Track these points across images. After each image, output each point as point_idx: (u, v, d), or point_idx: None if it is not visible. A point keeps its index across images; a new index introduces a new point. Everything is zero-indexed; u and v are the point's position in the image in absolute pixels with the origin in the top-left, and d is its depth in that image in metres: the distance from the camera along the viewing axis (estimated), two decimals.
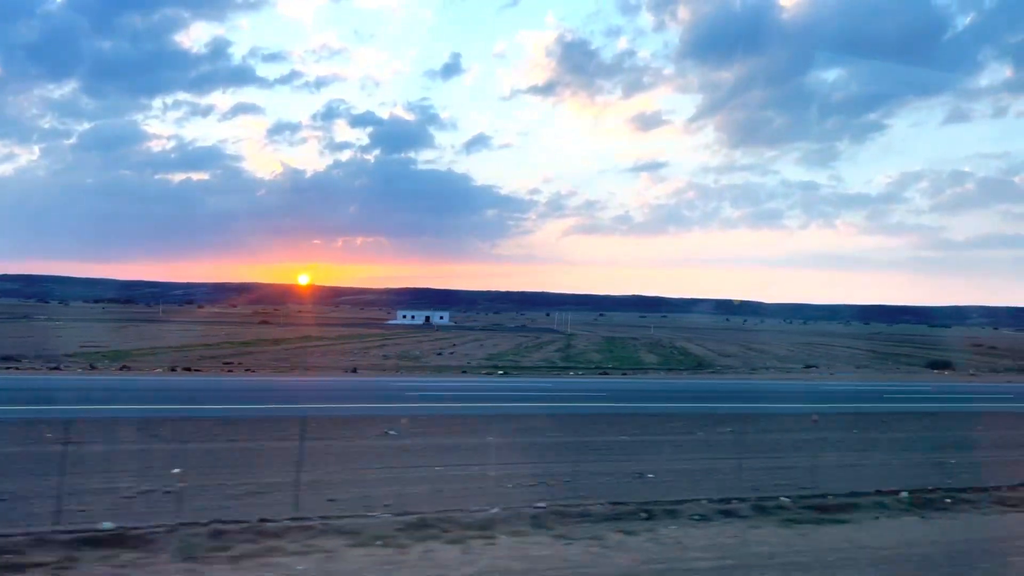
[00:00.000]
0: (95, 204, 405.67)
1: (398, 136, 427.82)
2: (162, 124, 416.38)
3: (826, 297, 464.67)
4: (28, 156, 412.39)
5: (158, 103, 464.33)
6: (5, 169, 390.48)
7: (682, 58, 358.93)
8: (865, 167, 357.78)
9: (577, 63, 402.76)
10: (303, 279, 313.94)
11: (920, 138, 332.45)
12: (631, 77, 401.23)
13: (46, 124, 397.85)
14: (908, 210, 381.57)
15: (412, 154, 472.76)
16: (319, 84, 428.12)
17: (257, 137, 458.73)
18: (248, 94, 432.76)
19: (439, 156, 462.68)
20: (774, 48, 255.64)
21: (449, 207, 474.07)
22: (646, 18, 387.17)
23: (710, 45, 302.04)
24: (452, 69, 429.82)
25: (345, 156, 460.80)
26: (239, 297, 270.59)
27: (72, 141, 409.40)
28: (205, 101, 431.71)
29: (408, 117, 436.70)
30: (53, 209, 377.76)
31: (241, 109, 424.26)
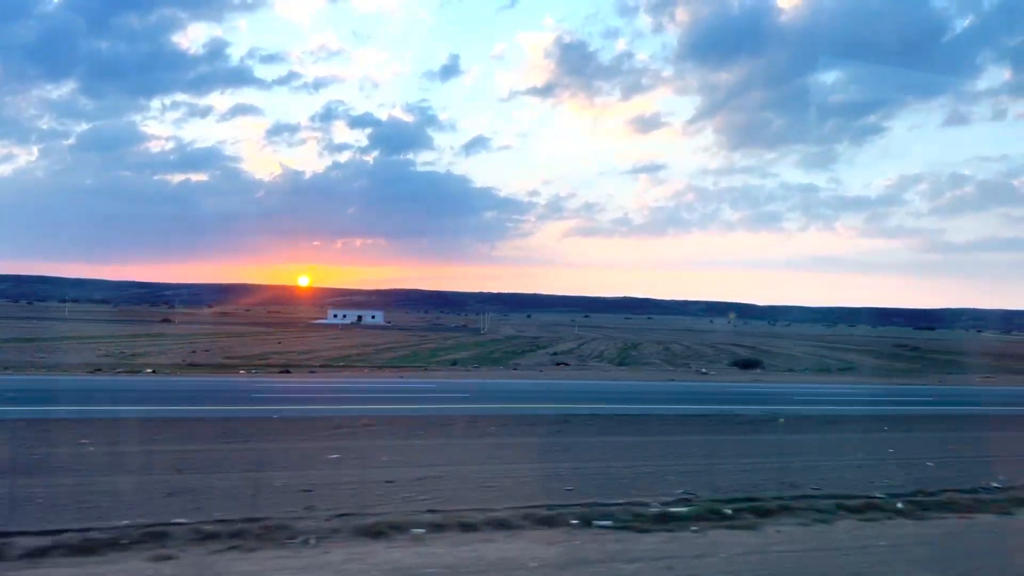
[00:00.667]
0: (94, 205, 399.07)
1: (397, 137, 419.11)
2: (161, 125, 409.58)
3: (825, 299, 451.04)
4: (27, 157, 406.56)
5: (156, 104, 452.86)
6: (4, 170, 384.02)
7: (681, 60, 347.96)
8: (864, 170, 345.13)
9: (576, 65, 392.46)
10: (303, 280, 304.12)
11: (919, 141, 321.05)
12: (630, 79, 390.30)
13: (44, 125, 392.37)
14: (907, 213, 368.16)
15: (411, 155, 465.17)
16: (318, 85, 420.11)
17: (256, 138, 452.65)
18: (246, 95, 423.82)
19: (438, 158, 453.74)
20: (772, 50, 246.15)
21: (448, 209, 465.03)
22: (644, 20, 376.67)
23: (709, 47, 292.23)
24: (451, 70, 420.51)
25: (344, 157, 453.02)
26: (234, 299, 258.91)
27: (71, 142, 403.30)
28: (203, 102, 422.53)
29: (407, 118, 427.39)
30: (51, 210, 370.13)
31: (240, 110, 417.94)
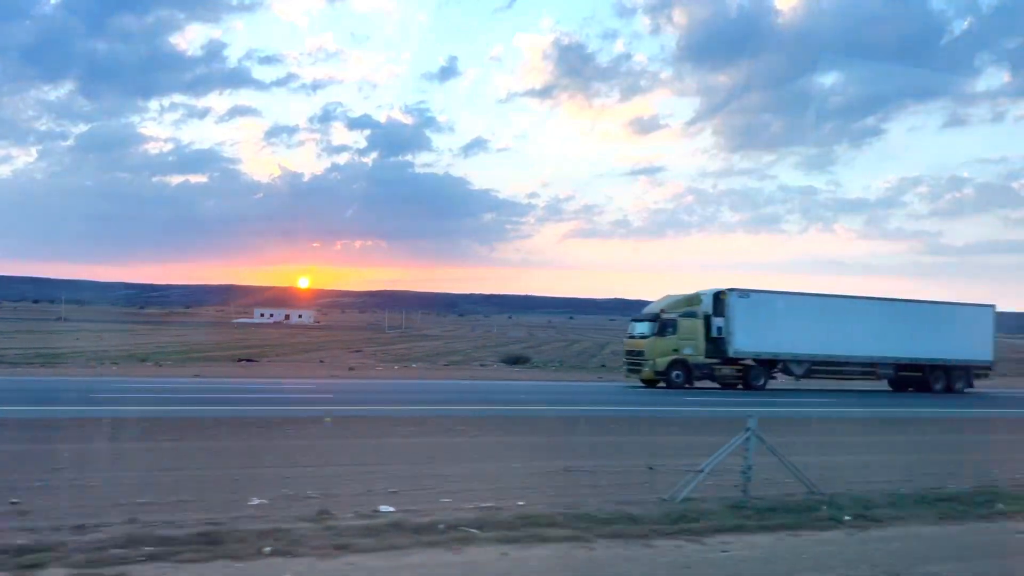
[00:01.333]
0: (94, 205, 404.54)
1: (395, 139, 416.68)
2: (159, 126, 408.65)
3: None
4: (25, 158, 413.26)
5: (155, 105, 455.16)
6: (3, 171, 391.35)
7: (679, 61, 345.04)
8: (863, 172, 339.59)
9: (573, 66, 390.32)
10: (303, 282, 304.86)
11: (918, 143, 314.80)
12: (628, 80, 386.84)
13: (43, 126, 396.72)
14: (907, 215, 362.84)
15: (410, 157, 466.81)
16: (316, 87, 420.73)
17: (254, 140, 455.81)
18: (245, 96, 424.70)
19: (437, 159, 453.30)
20: (771, 52, 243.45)
21: (448, 211, 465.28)
22: (642, 21, 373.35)
23: (707, 49, 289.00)
24: (449, 72, 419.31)
25: (343, 159, 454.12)
26: (233, 300, 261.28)
27: (69, 143, 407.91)
28: (202, 103, 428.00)
29: (405, 120, 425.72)
30: (50, 210, 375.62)
31: (238, 111, 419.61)
